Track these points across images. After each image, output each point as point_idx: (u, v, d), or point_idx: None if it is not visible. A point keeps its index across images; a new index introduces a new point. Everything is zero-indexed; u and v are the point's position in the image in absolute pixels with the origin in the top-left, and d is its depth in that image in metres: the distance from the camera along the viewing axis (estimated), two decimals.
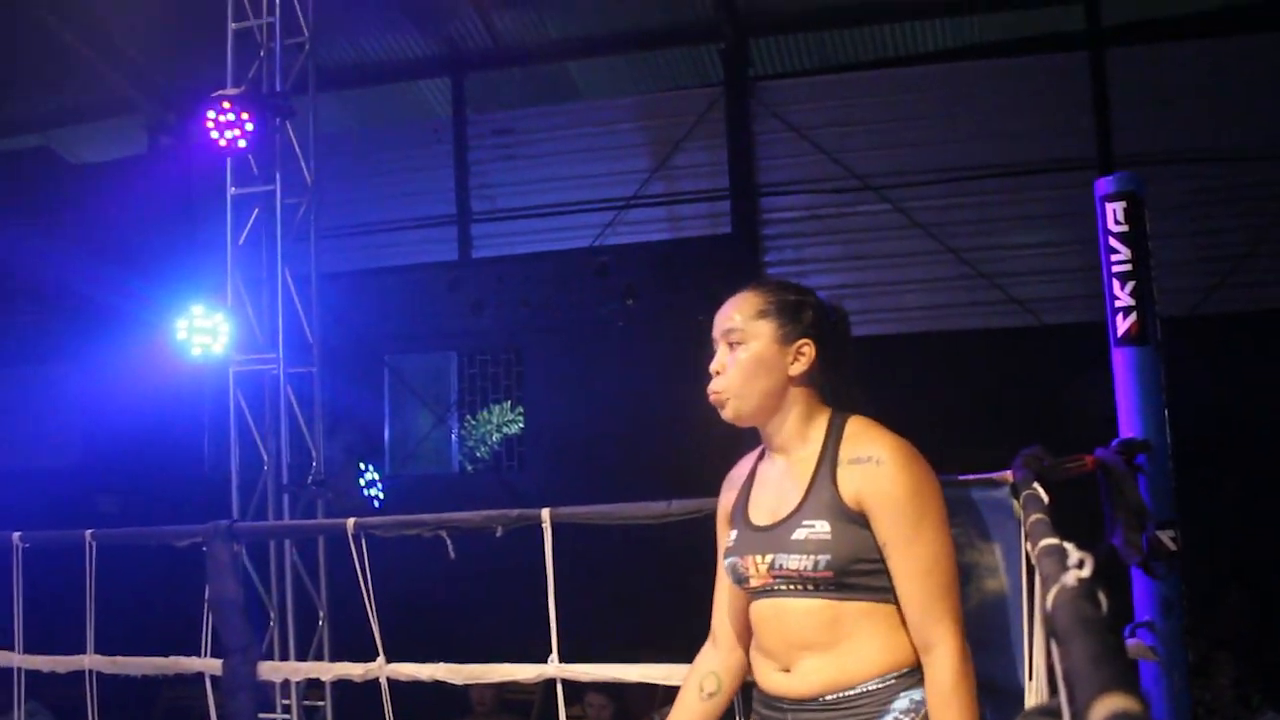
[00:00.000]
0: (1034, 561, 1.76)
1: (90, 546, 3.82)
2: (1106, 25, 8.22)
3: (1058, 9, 8.40)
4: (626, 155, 8.78)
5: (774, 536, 2.19)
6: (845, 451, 2.20)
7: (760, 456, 2.39)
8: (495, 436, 8.99)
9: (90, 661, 3.85)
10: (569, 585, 3.22)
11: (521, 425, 8.82)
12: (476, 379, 9.00)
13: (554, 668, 3.13)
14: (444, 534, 3.27)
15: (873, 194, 8.34)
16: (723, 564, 2.34)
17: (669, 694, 5.79)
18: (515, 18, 8.83)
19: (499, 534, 3.17)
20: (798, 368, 2.25)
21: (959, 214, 8.22)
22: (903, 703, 2.11)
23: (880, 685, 2.12)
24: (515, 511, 3.17)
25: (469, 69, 9.27)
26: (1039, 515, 1.96)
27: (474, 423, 9.02)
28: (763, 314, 2.26)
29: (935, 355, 7.87)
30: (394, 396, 9.08)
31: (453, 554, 3.31)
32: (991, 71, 8.32)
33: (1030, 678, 2.29)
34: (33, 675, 4.16)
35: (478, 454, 9.04)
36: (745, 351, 2.24)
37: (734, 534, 2.31)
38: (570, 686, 3.20)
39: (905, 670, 2.13)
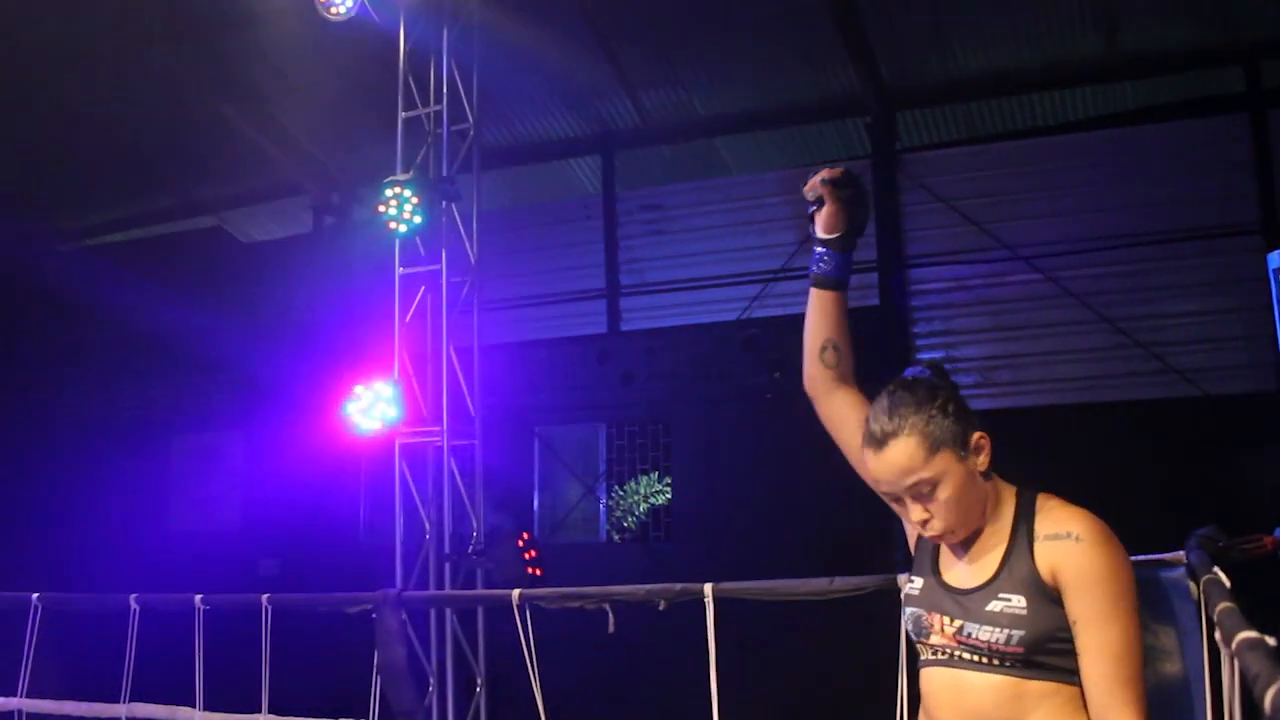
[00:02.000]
0: (1232, 653, 1.71)
1: (266, 610, 3.99)
2: (1267, 86, 8.00)
3: (1215, 70, 8.23)
4: (774, 229, 8.84)
5: (967, 603, 2.12)
6: (1041, 527, 2.12)
7: None
8: (643, 507, 9.06)
9: None
10: (720, 657, 3.23)
11: (669, 496, 8.87)
12: (624, 450, 9.10)
13: None
14: (607, 607, 3.32)
15: (1023, 263, 8.23)
16: (904, 611, 2.26)
17: None
18: (663, 97, 9.04)
19: (662, 608, 3.21)
20: (983, 462, 2.16)
21: (1114, 282, 8.03)
22: None
23: None
24: (678, 586, 3.20)
25: (619, 147, 9.49)
26: (1227, 604, 1.92)
27: (622, 493, 9.11)
28: (934, 448, 2.12)
29: (1090, 427, 7.68)
30: (544, 466, 9.24)
31: (613, 628, 3.35)
32: (1146, 137, 8.15)
33: None
34: None
35: (625, 524, 9.12)
36: (944, 492, 2.12)
37: (919, 581, 2.25)
38: None
39: None
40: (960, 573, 2.18)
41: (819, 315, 2.39)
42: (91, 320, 10.27)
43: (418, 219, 5.04)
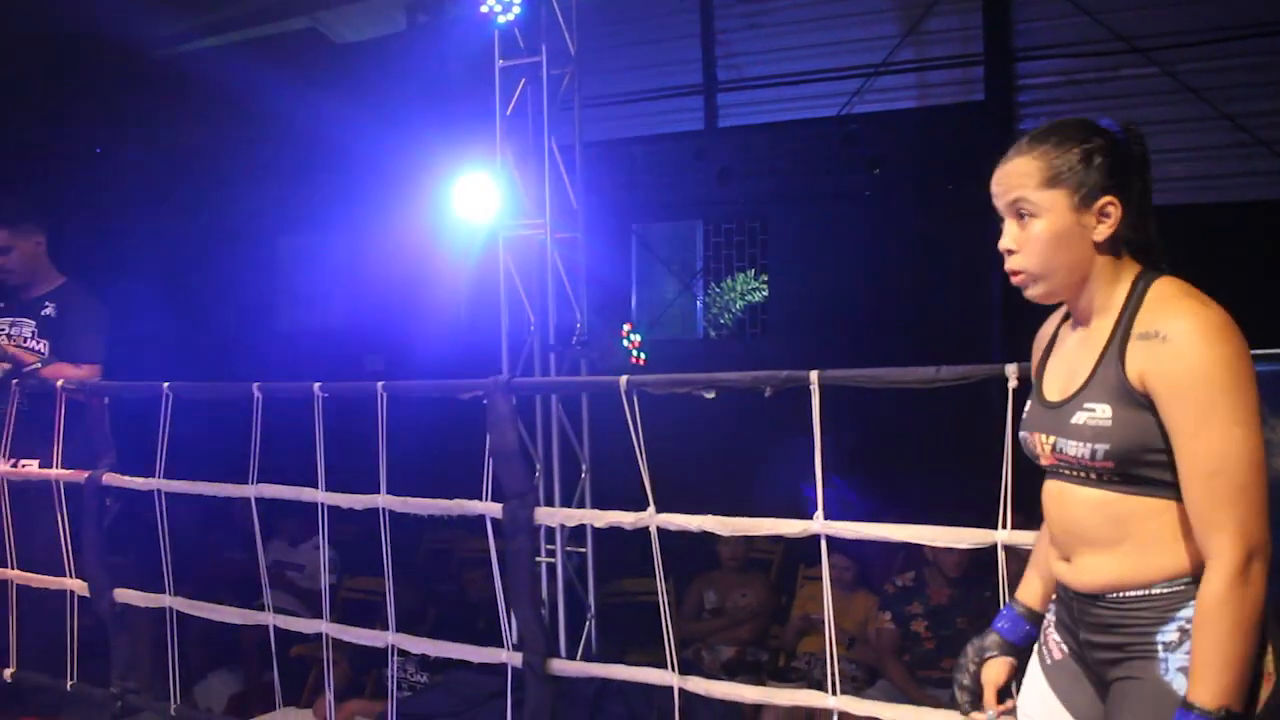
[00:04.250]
0: None
1: (381, 397, 4.15)
2: None
3: None
4: (876, 20, 8.53)
5: (1058, 416, 2.01)
6: (1140, 323, 1.93)
7: (1065, 315, 2.17)
8: (739, 304, 9.13)
9: (384, 501, 4.19)
10: (805, 449, 3.28)
11: (765, 293, 8.92)
12: (721, 247, 9.12)
13: (819, 524, 3.22)
14: (711, 395, 3.40)
15: (1139, 56, 7.87)
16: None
17: (909, 558, 5.89)
18: None
19: (768, 394, 3.27)
20: (1103, 231, 1.98)
21: (1235, 76, 7.64)
22: (1190, 611, 1.89)
23: (1167, 590, 1.92)
24: (784, 373, 3.25)
25: None
26: None
27: (718, 290, 9.18)
28: (1052, 180, 1.97)
29: (1203, 228, 7.46)
30: (641, 264, 9.31)
31: (711, 395, 3.42)
32: None
33: None
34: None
35: (721, 321, 9.22)
36: (1038, 227, 1.98)
37: (1028, 405, 2.16)
38: (813, 549, 3.28)
39: (1198, 577, 1.87)
40: (1058, 382, 2.07)
41: None
42: (193, 126, 10.41)
43: (516, 10, 4.99)
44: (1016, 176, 2.00)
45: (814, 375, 3.17)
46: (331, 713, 4.55)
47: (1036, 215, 1.98)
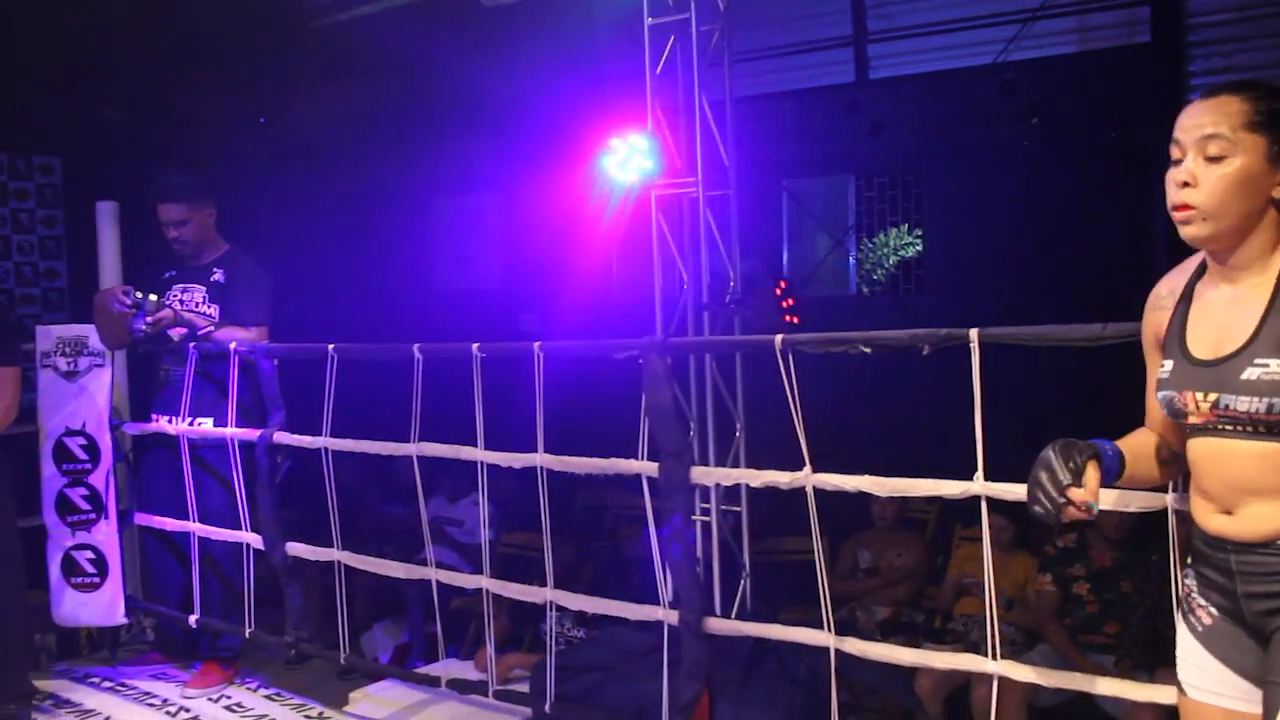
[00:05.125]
0: None
1: (538, 356, 4.22)
2: None
3: None
4: None
5: (1220, 373, 2.00)
6: None
7: (1197, 275, 2.17)
8: (892, 260, 8.98)
9: (541, 460, 4.27)
10: (960, 409, 3.21)
11: (919, 249, 8.75)
12: (874, 202, 8.96)
13: (979, 485, 3.17)
14: (868, 350, 3.36)
15: None
16: (1155, 395, 2.20)
17: (1069, 523, 5.71)
18: None
19: (926, 352, 3.22)
20: None
21: None
22: None
23: None
24: (943, 331, 3.19)
25: None
26: None
27: (871, 245, 9.04)
28: (1255, 125, 1.95)
29: None
30: (791, 220, 9.21)
31: (868, 349, 3.38)
32: None
33: None
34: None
35: (874, 277, 9.09)
36: (1228, 167, 1.97)
37: (1169, 364, 2.14)
38: (970, 508, 3.22)
39: None
40: (1211, 341, 2.05)
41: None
42: (351, 92, 10.66)
43: None
44: (1219, 113, 1.98)
45: (974, 333, 3.11)
46: (492, 665, 4.69)
47: (1230, 155, 1.96)
